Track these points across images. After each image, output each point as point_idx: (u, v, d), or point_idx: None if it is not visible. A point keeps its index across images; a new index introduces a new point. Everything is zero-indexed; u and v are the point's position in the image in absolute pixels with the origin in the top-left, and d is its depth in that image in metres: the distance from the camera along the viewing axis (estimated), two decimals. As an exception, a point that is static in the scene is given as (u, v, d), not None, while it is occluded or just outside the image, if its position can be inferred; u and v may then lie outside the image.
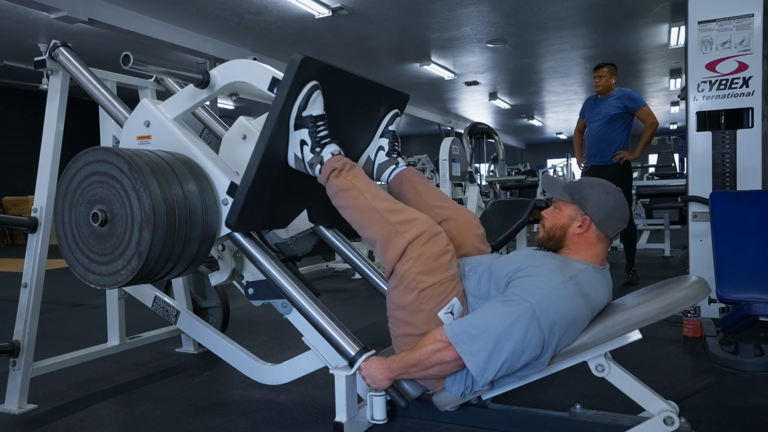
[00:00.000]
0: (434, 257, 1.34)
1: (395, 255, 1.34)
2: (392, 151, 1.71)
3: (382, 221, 1.37)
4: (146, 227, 1.33)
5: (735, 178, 2.53)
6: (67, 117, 1.84)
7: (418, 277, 1.33)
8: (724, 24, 2.51)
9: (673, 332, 2.44)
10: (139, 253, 1.35)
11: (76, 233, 1.46)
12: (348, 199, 1.42)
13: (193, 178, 1.45)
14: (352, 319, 2.90)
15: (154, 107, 1.57)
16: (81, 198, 1.44)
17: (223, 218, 1.48)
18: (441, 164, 4.08)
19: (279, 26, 6.53)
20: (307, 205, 1.68)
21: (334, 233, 1.89)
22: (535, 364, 1.30)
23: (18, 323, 1.72)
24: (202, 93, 1.53)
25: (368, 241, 1.42)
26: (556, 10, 6.18)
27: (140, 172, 1.33)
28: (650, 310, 1.26)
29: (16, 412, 1.69)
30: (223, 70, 1.51)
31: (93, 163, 1.42)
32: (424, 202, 1.61)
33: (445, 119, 13.37)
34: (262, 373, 1.69)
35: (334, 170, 1.43)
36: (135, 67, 1.37)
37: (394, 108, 1.75)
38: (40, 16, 5.87)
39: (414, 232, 1.34)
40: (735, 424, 1.50)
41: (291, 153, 1.47)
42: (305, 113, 1.41)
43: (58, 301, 3.69)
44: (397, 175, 1.69)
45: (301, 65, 1.36)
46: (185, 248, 1.42)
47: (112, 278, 1.41)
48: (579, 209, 1.40)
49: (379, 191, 1.44)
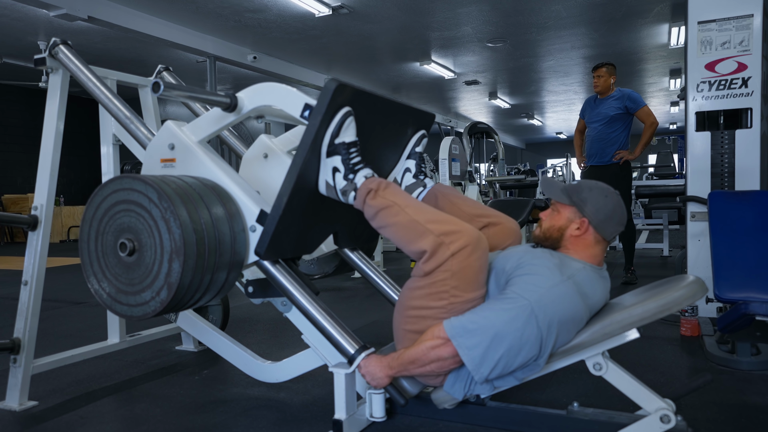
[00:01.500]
0: (474, 273, 1.31)
1: (436, 264, 1.31)
2: (419, 172, 1.69)
3: (428, 233, 1.32)
4: (176, 258, 1.30)
5: (733, 178, 2.54)
6: (67, 115, 1.85)
7: (452, 290, 1.31)
8: (724, 24, 2.52)
9: (671, 331, 2.45)
10: (168, 285, 1.31)
11: (103, 262, 1.42)
12: (389, 217, 1.38)
13: (222, 205, 1.41)
14: (352, 317, 2.91)
15: (179, 130, 1.54)
16: (108, 226, 1.41)
17: (251, 245, 1.45)
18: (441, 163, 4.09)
19: (279, 25, 6.53)
20: (334, 229, 1.66)
21: (357, 254, 1.86)
22: (532, 365, 1.30)
23: (18, 321, 1.72)
24: (229, 116, 1.49)
25: (414, 256, 1.37)
26: (556, 10, 6.18)
27: (170, 201, 1.30)
28: (648, 309, 1.27)
29: (16, 409, 1.70)
30: (251, 93, 1.48)
31: (120, 191, 1.39)
32: (463, 212, 1.58)
33: (445, 118, 13.37)
34: (262, 371, 1.70)
35: (370, 191, 1.41)
36: (164, 95, 1.34)
37: (420, 129, 1.73)
38: (39, 13, 5.86)
39: (459, 243, 1.30)
40: (731, 422, 1.51)
41: (322, 180, 1.45)
42: (338, 140, 1.40)
43: (58, 298, 3.69)
44: (429, 192, 1.66)
45: (336, 92, 1.34)
46: (214, 277, 1.40)
47: (140, 309, 1.38)
48: (577, 211, 1.40)
49: (419, 204, 1.42)
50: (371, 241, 1.88)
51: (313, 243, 1.61)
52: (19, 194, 9.15)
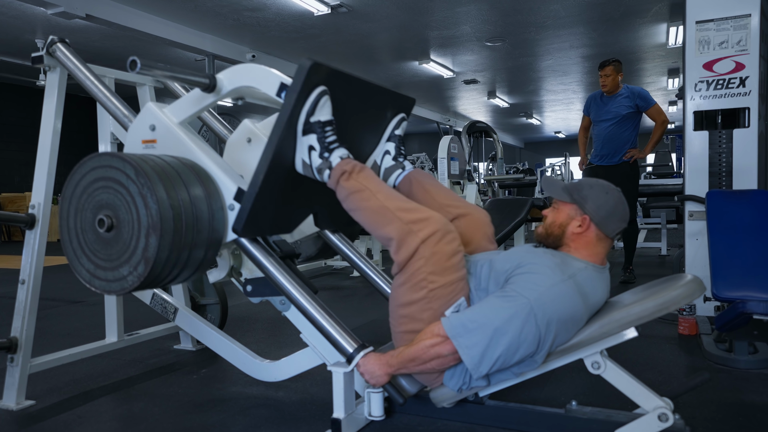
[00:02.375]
0: (446, 257, 1.34)
1: (408, 254, 1.33)
2: (398, 155, 1.71)
3: (396, 220, 1.36)
4: (153, 233, 1.31)
5: (731, 177, 2.54)
6: (65, 114, 1.84)
7: (429, 276, 1.32)
8: (722, 24, 2.52)
9: (669, 330, 2.46)
10: (145, 259, 1.33)
11: (82, 238, 1.44)
12: (360, 201, 1.42)
13: (200, 183, 1.43)
14: (350, 316, 2.91)
15: (160, 111, 1.56)
16: (86, 203, 1.43)
17: (230, 223, 1.47)
18: (439, 162, 4.09)
19: (278, 23, 6.52)
20: (313, 210, 1.68)
21: (338, 237, 1.87)
22: (529, 362, 1.30)
23: (16, 320, 1.72)
24: (209, 97, 1.52)
25: (382, 242, 1.41)
26: (554, 9, 6.19)
27: (147, 178, 1.32)
28: (646, 308, 1.27)
29: (14, 408, 1.69)
30: (229, 74, 1.50)
31: (99, 168, 1.40)
32: (435, 201, 1.60)
33: (443, 117, 13.37)
34: (260, 370, 1.70)
35: (344, 173, 1.42)
36: (142, 71, 1.35)
37: (400, 112, 1.74)
38: (37, 11, 5.85)
39: (428, 230, 1.33)
40: (729, 420, 1.51)
41: (299, 158, 1.47)
42: (313, 119, 1.41)
43: (56, 297, 3.68)
44: (405, 177, 1.68)
45: (310, 71, 1.35)
46: (192, 254, 1.41)
47: (118, 284, 1.40)
48: (578, 209, 1.40)
49: (390, 191, 1.44)
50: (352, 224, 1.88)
51: (292, 222, 1.63)
52: (16, 193, 9.13)
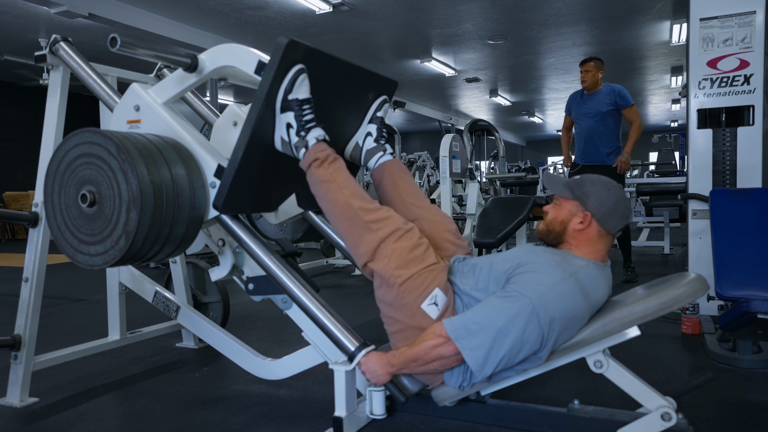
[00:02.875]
0: (407, 251, 1.39)
1: (366, 250, 1.40)
2: (380, 137, 1.73)
3: (356, 218, 1.42)
4: (133, 207, 1.35)
5: (735, 175, 2.53)
6: (68, 112, 1.84)
7: (395, 272, 1.37)
8: (726, 21, 2.51)
9: (672, 329, 2.45)
10: (126, 233, 1.36)
11: (66, 214, 1.47)
12: (326, 191, 1.46)
13: (182, 161, 1.46)
14: (352, 314, 2.91)
15: (144, 92, 1.59)
16: (70, 179, 1.45)
17: (211, 201, 1.49)
18: (441, 161, 4.08)
19: (279, 22, 6.52)
20: (295, 189, 1.70)
21: (322, 218, 1.91)
22: (533, 359, 1.30)
23: (19, 317, 1.72)
24: (191, 77, 1.53)
25: (338, 234, 1.47)
26: (557, 7, 6.16)
27: (128, 154, 1.35)
28: (649, 306, 1.27)
29: (17, 405, 1.70)
30: (210, 54, 1.52)
31: (82, 145, 1.43)
32: (399, 197, 1.65)
33: (445, 116, 13.35)
34: (262, 368, 1.70)
35: (317, 160, 1.45)
36: (123, 49, 1.38)
37: (382, 94, 1.75)
38: (40, 10, 5.86)
39: (386, 230, 1.40)
40: (732, 420, 1.51)
41: (278, 136, 1.49)
42: (291, 96, 1.43)
43: (59, 295, 3.69)
44: (380, 165, 1.70)
45: (287, 48, 1.37)
46: (173, 230, 1.44)
47: (100, 258, 1.43)
48: (580, 205, 1.40)
49: (357, 189, 1.47)
50: None
51: (273, 200, 1.64)
52: (20, 191, 9.15)
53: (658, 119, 15.40)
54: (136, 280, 2.12)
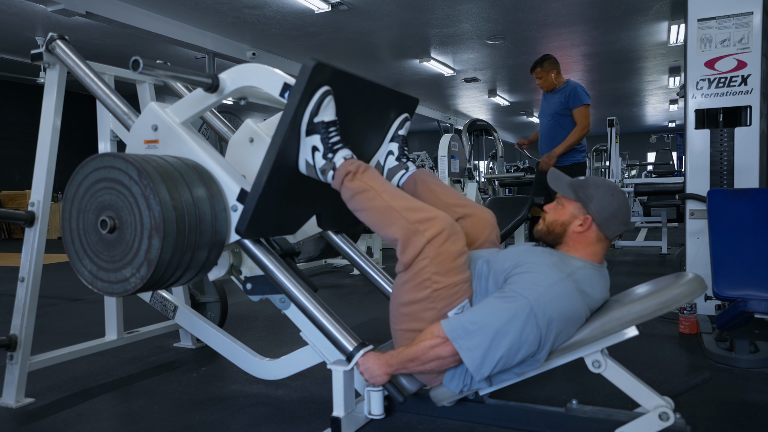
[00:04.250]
0: (452, 258, 1.33)
1: (414, 254, 1.32)
2: (402, 155, 1.70)
3: (402, 220, 1.34)
4: (156, 234, 1.31)
5: (733, 176, 2.54)
6: (65, 111, 1.84)
7: (433, 276, 1.32)
8: (724, 22, 2.51)
9: (669, 329, 2.45)
10: (148, 261, 1.33)
11: (84, 240, 1.43)
12: (365, 201, 1.40)
13: (203, 184, 1.42)
14: (351, 314, 2.91)
15: (162, 111, 1.55)
16: (89, 204, 1.42)
17: (233, 224, 1.46)
18: (440, 161, 4.08)
19: (278, 21, 6.51)
20: (316, 210, 1.67)
21: (341, 238, 1.87)
22: (531, 361, 1.30)
23: (15, 317, 1.72)
24: (211, 97, 1.51)
25: (388, 241, 1.40)
26: (555, 7, 6.17)
27: (150, 179, 1.31)
28: (647, 306, 1.27)
29: (13, 406, 1.69)
30: (232, 74, 1.49)
31: (101, 169, 1.39)
32: (440, 201, 1.59)
33: (444, 116, 13.35)
34: (260, 368, 1.69)
35: (348, 173, 1.41)
36: (145, 71, 1.34)
37: (404, 112, 1.73)
38: (37, 9, 5.83)
39: (433, 230, 1.31)
40: (729, 419, 1.51)
41: (302, 159, 1.45)
42: (317, 119, 1.40)
43: (56, 295, 3.68)
44: (409, 177, 1.67)
45: (314, 71, 1.34)
46: (195, 255, 1.40)
47: (120, 286, 1.39)
48: (582, 208, 1.40)
49: (396, 190, 1.43)
50: (355, 224, 1.88)
51: (295, 224, 1.62)
52: (16, 190, 9.13)
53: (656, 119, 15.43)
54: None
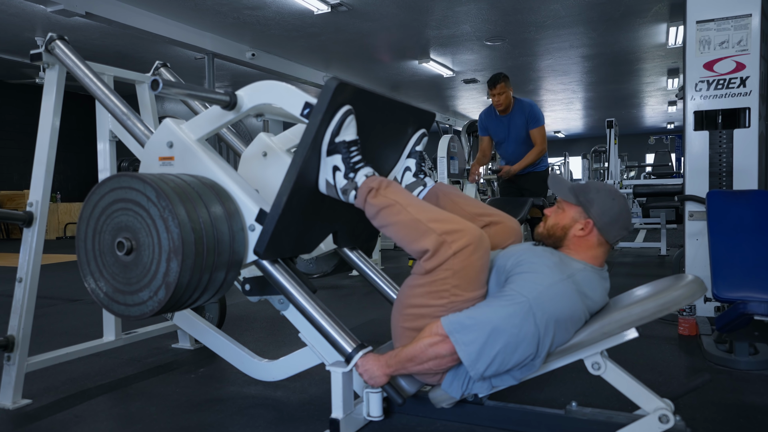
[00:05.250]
0: (476, 272, 1.30)
1: (438, 262, 1.30)
2: (419, 171, 1.69)
3: (429, 232, 1.31)
4: (174, 257, 1.29)
5: (731, 177, 2.54)
6: (64, 112, 1.83)
7: (452, 289, 1.30)
8: (723, 24, 2.51)
9: (669, 331, 2.45)
10: (166, 284, 1.30)
11: (100, 261, 1.41)
12: (391, 216, 1.37)
13: (220, 204, 1.40)
14: (349, 316, 2.90)
15: (177, 128, 1.53)
16: (105, 225, 1.40)
17: (250, 244, 1.44)
18: (439, 162, 4.08)
19: (278, 22, 6.51)
20: (333, 228, 1.65)
21: (356, 254, 1.85)
22: (529, 365, 1.29)
23: (13, 318, 1.71)
24: (228, 115, 1.49)
25: (416, 255, 1.36)
26: (554, 9, 6.18)
27: (168, 200, 1.29)
28: (647, 308, 1.27)
29: (10, 407, 1.68)
30: (250, 91, 1.47)
31: (118, 190, 1.37)
32: (465, 212, 1.57)
33: (443, 117, 13.36)
34: (259, 370, 1.69)
35: (371, 190, 1.39)
36: (163, 92, 1.33)
37: (421, 128, 1.73)
38: (36, 9, 5.83)
39: (462, 242, 1.28)
40: (729, 422, 1.51)
41: (322, 179, 1.44)
42: (338, 139, 1.39)
43: (54, 296, 3.67)
44: (430, 191, 1.65)
45: (336, 91, 1.33)
46: (213, 276, 1.39)
47: (137, 309, 1.36)
48: (583, 212, 1.39)
49: (421, 203, 1.41)
50: (371, 240, 1.88)
51: (312, 242, 1.60)
52: (15, 191, 9.11)
53: (655, 121, 15.46)
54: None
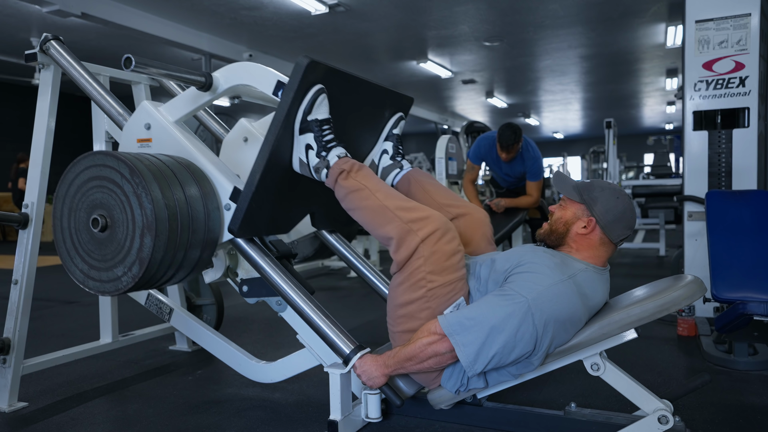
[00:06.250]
0: (446, 256, 1.32)
1: (408, 253, 1.32)
2: (396, 154, 1.70)
3: (396, 219, 1.34)
4: (148, 233, 1.30)
5: (731, 177, 2.53)
6: (60, 113, 1.82)
7: (427, 276, 1.31)
8: (722, 23, 2.51)
9: (668, 331, 2.45)
10: (140, 260, 1.32)
11: (75, 238, 1.43)
12: (359, 200, 1.40)
13: (195, 183, 1.42)
14: (347, 317, 2.89)
15: (155, 110, 1.55)
16: (80, 203, 1.41)
17: (226, 223, 1.46)
18: (437, 162, 4.08)
19: (275, 23, 6.50)
20: (310, 210, 1.66)
21: (336, 237, 1.87)
22: (526, 363, 1.29)
23: (8, 320, 1.70)
24: (205, 96, 1.51)
25: (382, 241, 1.39)
26: (553, 9, 6.18)
27: (141, 177, 1.31)
28: (646, 309, 1.26)
29: (6, 410, 1.67)
30: (226, 72, 1.49)
31: (93, 168, 1.39)
32: (434, 201, 1.60)
33: (441, 118, 13.36)
34: (257, 371, 1.68)
35: (342, 172, 1.41)
36: (137, 69, 1.34)
37: (398, 111, 1.73)
38: (32, 9, 5.81)
39: (427, 230, 1.32)
40: (729, 422, 1.50)
41: (296, 157, 1.45)
42: (310, 117, 1.40)
43: (50, 298, 3.66)
44: (403, 176, 1.67)
45: (307, 69, 1.34)
46: (187, 254, 1.40)
47: (112, 285, 1.38)
48: (586, 209, 1.39)
49: (389, 190, 1.43)
50: (350, 224, 1.88)
51: (288, 222, 1.61)
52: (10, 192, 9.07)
53: (653, 121, 15.48)
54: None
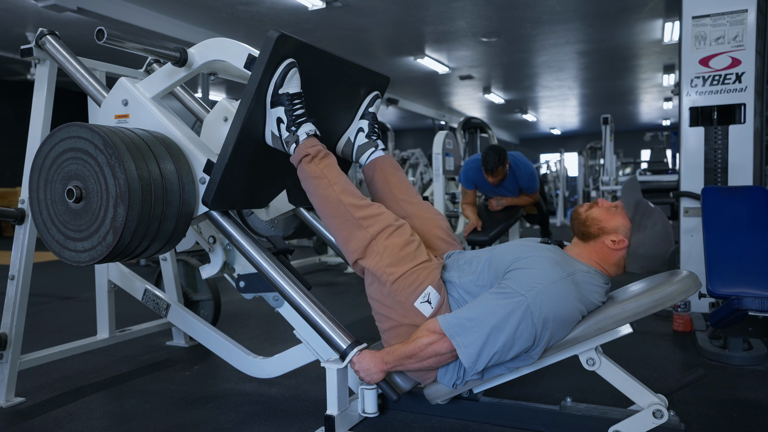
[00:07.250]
0: (399, 248, 1.38)
1: (357, 247, 1.39)
2: (372, 132, 1.71)
3: (347, 214, 1.41)
4: (121, 203, 1.33)
5: (727, 173, 2.54)
6: (56, 109, 1.81)
7: (387, 269, 1.36)
8: (718, 19, 2.51)
9: (663, 326, 2.46)
10: (114, 229, 1.35)
11: (51, 210, 1.45)
12: (317, 187, 1.45)
13: (170, 156, 1.45)
14: (344, 312, 2.90)
15: (132, 86, 1.57)
16: (56, 174, 1.43)
17: (201, 196, 1.48)
18: (434, 158, 4.08)
19: (272, 18, 6.47)
20: (286, 185, 1.69)
21: (313, 215, 1.90)
22: (525, 357, 1.30)
23: (5, 316, 1.70)
24: (180, 72, 1.52)
25: (329, 231, 1.47)
26: (550, 5, 6.17)
27: (115, 148, 1.33)
28: (641, 304, 1.27)
29: (3, 405, 1.67)
30: (200, 48, 1.51)
31: (68, 139, 1.41)
32: (391, 193, 1.64)
33: (438, 113, 13.34)
34: (253, 367, 1.68)
35: (308, 155, 1.44)
36: (110, 41, 1.37)
37: (374, 90, 1.75)
38: (27, 4, 5.77)
39: (377, 227, 1.39)
40: (723, 417, 1.51)
41: (268, 131, 1.47)
42: (281, 91, 1.42)
43: (47, 293, 3.65)
44: (372, 161, 1.70)
45: (277, 42, 1.36)
46: (162, 226, 1.43)
47: (87, 254, 1.41)
48: (628, 229, 1.38)
49: (348, 185, 1.46)
50: None
51: (264, 197, 1.63)
52: (7, 188, 9.03)
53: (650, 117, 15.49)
54: (126, 278, 2.09)
